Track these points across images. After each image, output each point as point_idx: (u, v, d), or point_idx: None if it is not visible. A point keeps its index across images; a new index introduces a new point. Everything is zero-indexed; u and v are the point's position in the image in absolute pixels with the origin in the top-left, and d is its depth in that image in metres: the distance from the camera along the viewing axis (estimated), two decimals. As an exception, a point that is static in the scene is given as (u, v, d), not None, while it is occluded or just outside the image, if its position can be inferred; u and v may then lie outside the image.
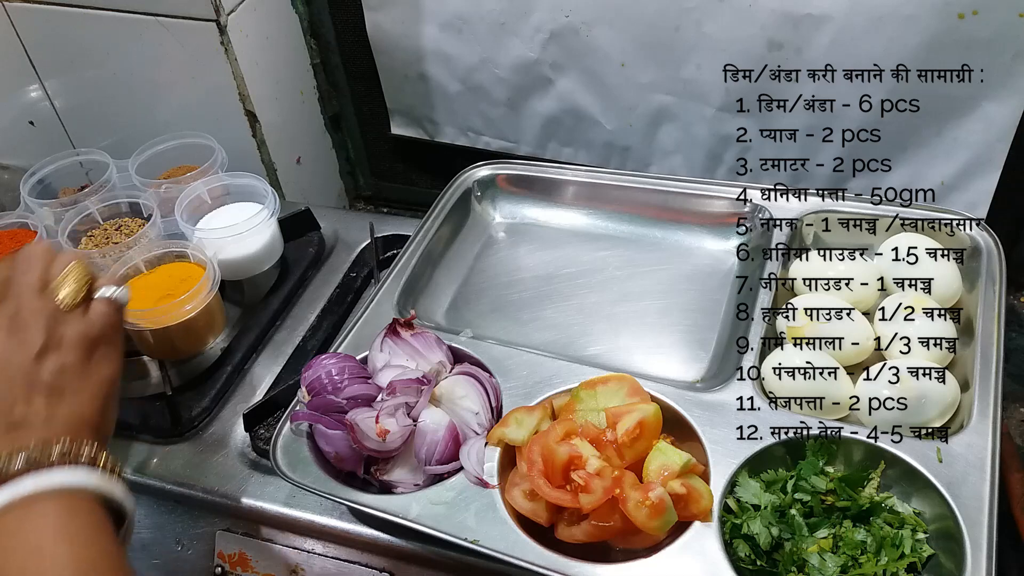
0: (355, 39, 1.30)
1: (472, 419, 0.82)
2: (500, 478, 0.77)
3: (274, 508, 0.87)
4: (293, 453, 0.82)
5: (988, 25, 0.95)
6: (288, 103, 1.32)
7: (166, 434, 0.95)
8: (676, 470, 0.72)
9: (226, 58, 1.17)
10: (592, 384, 0.81)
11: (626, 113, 1.20)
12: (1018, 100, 0.99)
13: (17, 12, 1.22)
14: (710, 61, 1.10)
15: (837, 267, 0.92)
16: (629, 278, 1.02)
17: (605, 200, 1.09)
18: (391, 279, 1.00)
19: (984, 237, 0.91)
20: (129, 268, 1.01)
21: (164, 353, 1.00)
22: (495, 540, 0.73)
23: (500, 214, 1.15)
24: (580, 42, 1.15)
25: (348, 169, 1.52)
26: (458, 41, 1.22)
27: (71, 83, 1.30)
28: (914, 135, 1.07)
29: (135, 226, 1.10)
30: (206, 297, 0.97)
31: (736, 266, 1.02)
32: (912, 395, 0.78)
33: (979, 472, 0.72)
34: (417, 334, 0.87)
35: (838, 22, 1.00)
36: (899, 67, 1.01)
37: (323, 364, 0.84)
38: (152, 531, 0.92)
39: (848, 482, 0.74)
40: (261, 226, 1.06)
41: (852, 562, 0.69)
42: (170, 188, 1.10)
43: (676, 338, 0.95)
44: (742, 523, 0.72)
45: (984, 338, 0.82)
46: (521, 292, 1.04)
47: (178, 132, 1.18)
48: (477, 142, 1.34)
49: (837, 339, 0.85)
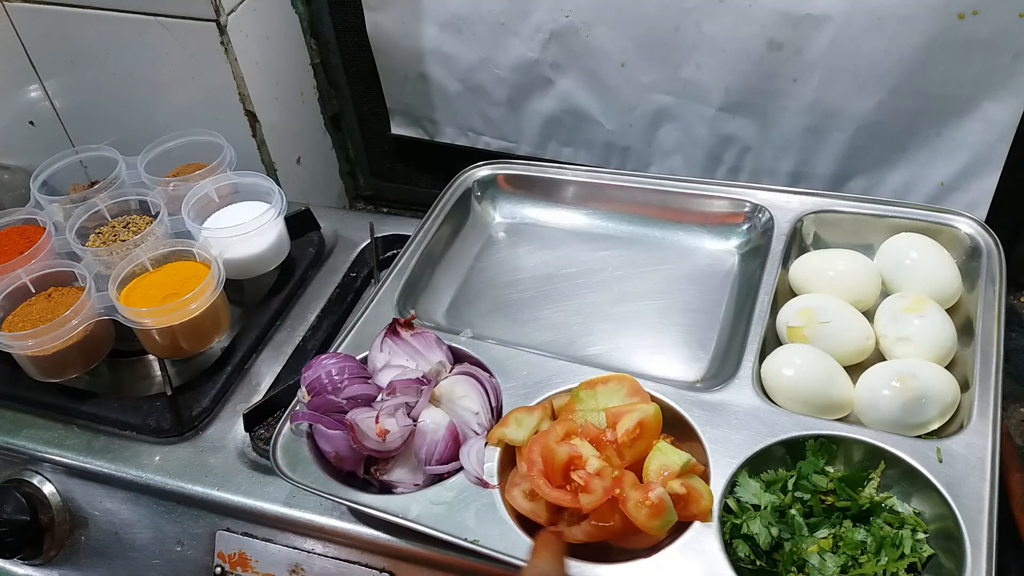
0: (355, 39, 1.30)
1: (472, 419, 0.82)
2: (500, 478, 0.77)
3: (274, 508, 0.87)
4: (293, 453, 0.82)
5: (988, 25, 0.95)
6: (288, 103, 1.32)
7: (166, 434, 0.95)
8: (676, 470, 0.72)
9: (226, 58, 1.17)
10: (592, 384, 0.81)
11: (626, 113, 1.20)
12: (1018, 100, 0.99)
13: (17, 12, 1.22)
14: (710, 61, 1.10)
15: (837, 267, 0.92)
16: (629, 278, 1.02)
17: (605, 200, 1.10)
18: (391, 279, 1.00)
19: (984, 237, 0.92)
20: (135, 266, 1.01)
21: (168, 351, 1.00)
22: (495, 540, 0.73)
23: (500, 214, 1.15)
24: (580, 42, 1.15)
25: (348, 169, 1.52)
26: (458, 41, 1.22)
27: (71, 83, 1.30)
28: (914, 135, 1.07)
29: (143, 223, 1.10)
30: (211, 296, 0.97)
31: (736, 266, 1.02)
32: (912, 395, 0.78)
33: (979, 472, 0.72)
34: (417, 334, 0.87)
35: (838, 22, 1.00)
36: (899, 67, 1.01)
37: (323, 364, 0.84)
38: (152, 531, 0.92)
39: (848, 482, 0.74)
40: (267, 226, 1.06)
41: (852, 562, 0.69)
42: (178, 186, 1.10)
43: (676, 338, 0.95)
44: (742, 523, 0.72)
45: (984, 338, 0.82)
46: (521, 292, 1.04)
47: (187, 129, 1.18)
48: (477, 142, 1.34)
49: (837, 339, 0.85)
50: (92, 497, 0.95)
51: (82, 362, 0.99)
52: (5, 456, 0.99)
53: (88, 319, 0.97)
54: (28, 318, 0.99)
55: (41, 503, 0.95)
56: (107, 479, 0.94)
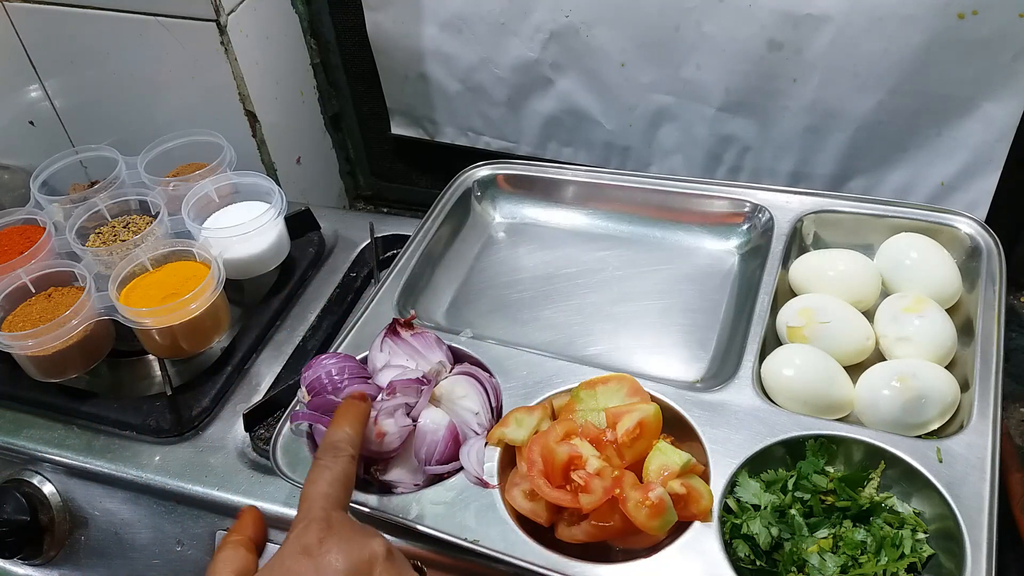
0: (355, 39, 1.30)
1: (472, 419, 0.82)
2: (500, 478, 0.77)
3: (274, 508, 0.87)
4: (293, 453, 0.82)
5: (988, 25, 0.95)
6: (288, 103, 1.32)
7: (166, 434, 0.95)
8: (676, 470, 0.72)
9: (226, 58, 1.17)
10: (592, 384, 0.81)
11: (626, 113, 1.20)
12: (1018, 100, 0.99)
13: (17, 12, 1.22)
14: (710, 61, 1.10)
15: (837, 267, 0.92)
16: (629, 278, 1.02)
17: (605, 200, 1.10)
18: (391, 279, 1.00)
19: (984, 237, 0.92)
20: (135, 266, 1.01)
21: (169, 352, 1.00)
22: (495, 540, 0.73)
23: (500, 214, 1.15)
24: (580, 42, 1.15)
25: (348, 169, 1.52)
26: (458, 41, 1.22)
27: (71, 83, 1.30)
28: (914, 135, 1.07)
29: (143, 223, 1.10)
30: (211, 296, 0.97)
31: (736, 266, 1.02)
32: (912, 395, 0.78)
33: (979, 472, 0.72)
34: (417, 334, 0.87)
35: (838, 22, 1.00)
36: (899, 67, 1.01)
37: (323, 364, 0.84)
38: (152, 531, 0.92)
39: (848, 482, 0.74)
40: (267, 226, 1.06)
41: (852, 562, 0.69)
42: (178, 186, 1.10)
43: (676, 338, 0.95)
44: (742, 523, 0.72)
45: (984, 338, 0.82)
46: (521, 292, 1.04)
47: (187, 129, 1.18)
48: (477, 142, 1.34)
49: (837, 339, 0.85)
50: (92, 497, 0.95)
51: (82, 362, 0.99)
52: (5, 456, 0.99)
53: (88, 319, 0.97)
54: (28, 318, 0.99)
55: (41, 503, 0.95)
56: (107, 479, 0.94)
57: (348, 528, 0.63)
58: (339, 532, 0.62)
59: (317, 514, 0.63)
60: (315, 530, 0.62)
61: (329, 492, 0.65)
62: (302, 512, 0.65)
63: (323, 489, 0.65)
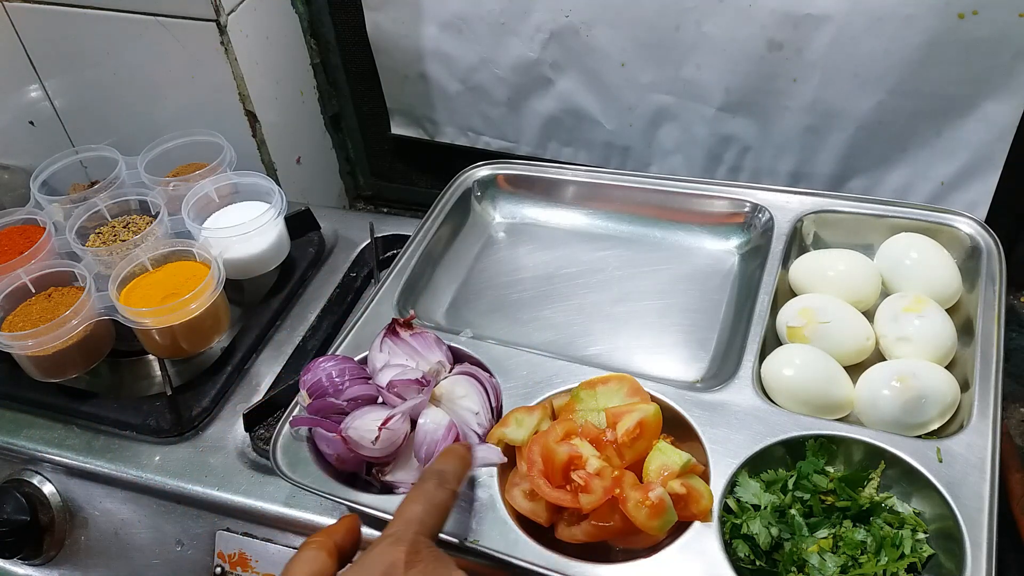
0: (355, 39, 1.30)
1: (472, 419, 0.82)
2: (500, 478, 0.77)
3: (274, 508, 0.87)
4: (293, 453, 0.82)
5: (988, 25, 0.94)
6: (288, 103, 1.32)
7: (166, 434, 0.95)
8: (676, 470, 0.72)
9: (226, 58, 1.17)
10: (592, 384, 0.81)
11: (626, 113, 1.20)
12: (1018, 100, 0.99)
13: (17, 12, 1.22)
14: (710, 61, 1.10)
15: (837, 267, 0.92)
16: (629, 278, 1.02)
17: (605, 200, 1.10)
18: (391, 279, 1.00)
19: (984, 237, 0.91)
20: (135, 266, 1.01)
21: (169, 352, 1.00)
22: (495, 540, 0.73)
23: (500, 214, 1.15)
24: (580, 42, 1.15)
25: (348, 169, 1.52)
26: (458, 41, 1.22)
27: (71, 83, 1.30)
28: (914, 135, 1.07)
29: (143, 223, 1.10)
30: (211, 296, 0.97)
31: (736, 266, 1.02)
32: (912, 395, 0.78)
33: (979, 472, 0.72)
34: (417, 334, 0.87)
35: (838, 22, 1.00)
36: (899, 67, 1.01)
37: (322, 367, 0.84)
38: (152, 531, 0.92)
39: (848, 482, 0.74)
40: (267, 226, 1.06)
41: (852, 562, 0.69)
42: (178, 186, 1.10)
43: (676, 338, 0.95)
44: (742, 523, 0.72)
45: (984, 338, 0.82)
46: (521, 292, 1.04)
47: (187, 129, 1.18)
48: (477, 142, 1.34)
49: (837, 339, 0.85)
50: (92, 497, 0.95)
51: (82, 362, 0.99)
52: (5, 456, 0.99)
53: (88, 319, 0.97)
54: (28, 318, 0.99)
55: (41, 503, 0.95)
56: (107, 479, 0.94)
57: (433, 559, 0.62)
58: (425, 560, 0.62)
59: (408, 536, 0.63)
60: (401, 553, 0.62)
61: (425, 519, 0.65)
62: (393, 528, 0.64)
63: (419, 514, 0.65)
